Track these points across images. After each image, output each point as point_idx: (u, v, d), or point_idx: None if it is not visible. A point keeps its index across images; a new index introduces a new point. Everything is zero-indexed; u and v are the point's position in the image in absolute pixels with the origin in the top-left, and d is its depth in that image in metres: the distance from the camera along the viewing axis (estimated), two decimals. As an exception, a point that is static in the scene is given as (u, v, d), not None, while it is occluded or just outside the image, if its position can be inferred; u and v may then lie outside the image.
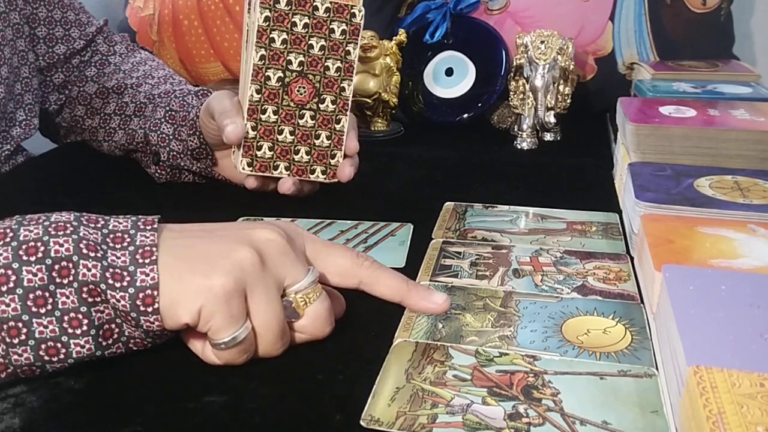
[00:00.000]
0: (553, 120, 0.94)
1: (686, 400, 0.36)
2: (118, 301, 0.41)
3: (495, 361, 0.45)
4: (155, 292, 0.41)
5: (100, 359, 0.43)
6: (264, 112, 0.62)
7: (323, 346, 0.47)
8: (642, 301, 0.52)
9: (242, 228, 0.46)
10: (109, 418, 0.40)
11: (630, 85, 1.05)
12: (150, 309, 0.41)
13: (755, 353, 0.37)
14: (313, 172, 0.68)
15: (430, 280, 0.55)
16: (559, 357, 0.45)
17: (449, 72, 1.03)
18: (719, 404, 0.33)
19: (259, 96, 0.61)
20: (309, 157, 0.68)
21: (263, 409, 0.41)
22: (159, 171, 0.78)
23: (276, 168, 0.67)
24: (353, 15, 0.62)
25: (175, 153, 0.74)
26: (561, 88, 0.96)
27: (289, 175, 0.68)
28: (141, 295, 0.41)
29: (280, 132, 0.63)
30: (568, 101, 0.98)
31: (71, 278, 0.40)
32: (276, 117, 0.62)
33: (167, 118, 0.75)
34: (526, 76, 0.94)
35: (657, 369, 0.44)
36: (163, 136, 0.75)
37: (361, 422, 0.39)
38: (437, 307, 0.49)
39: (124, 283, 0.41)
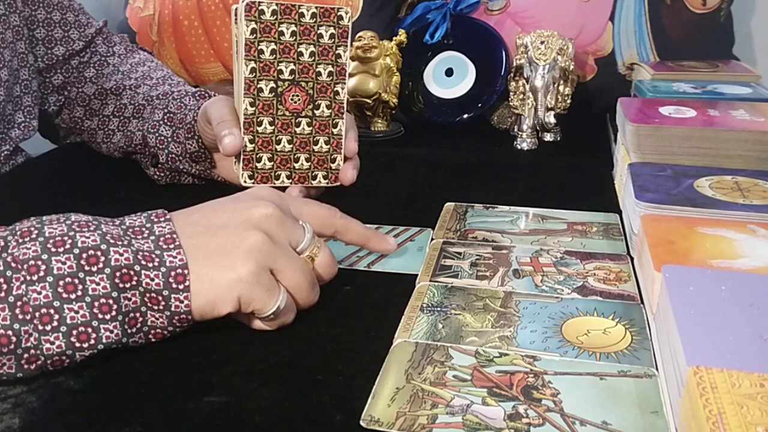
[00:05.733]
0: (553, 120, 0.94)
1: (686, 400, 0.36)
2: (152, 280, 0.44)
3: (495, 362, 0.45)
4: (185, 271, 0.44)
5: (124, 347, 0.45)
6: (260, 124, 0.61)
7: (323, 346, 0.47)
8: (642, 302, 0.52)
9: (237, 211, 0.48)
10: (109, 418, 0.40)
11: (630, 86, 1.05)
12: (181, 287, 0.44)
13: (755, 353, 0.37)
14: (314, 178, 0.68)
15: (430, 281, 0.55)
16: (559, 357, 0.45)
17: (449, 72, 1.03)
18: (719, 404, 0.33)
19: (254, 109, 0.61)
20: (309, 163, 0.68)
21: (263, 409, 0.41)
22: (158, 173, 0.78)
23: (277, 178, 0.67)
24: (340, 18, 0.61)
25: (173, 155, 0.74)
26: (561, 88, 0.96)
27: (291, 183, 0.68)
28: (173, 273, 0.44)
29: (278, 142, 0.63)
30: (568, 101, 0.98)
31: (101, 265, 0.43)
32: (272, 127, 0.62)
33: (165, 120, 0.75)
34: (526, 76, 0.94)
35: (657, 369, 0.44)
36: (162, 138, 0.75)
37: (361, 422, 0.39)
38: (391, 247, 0.58)
39: (156, 263, 0.44)
